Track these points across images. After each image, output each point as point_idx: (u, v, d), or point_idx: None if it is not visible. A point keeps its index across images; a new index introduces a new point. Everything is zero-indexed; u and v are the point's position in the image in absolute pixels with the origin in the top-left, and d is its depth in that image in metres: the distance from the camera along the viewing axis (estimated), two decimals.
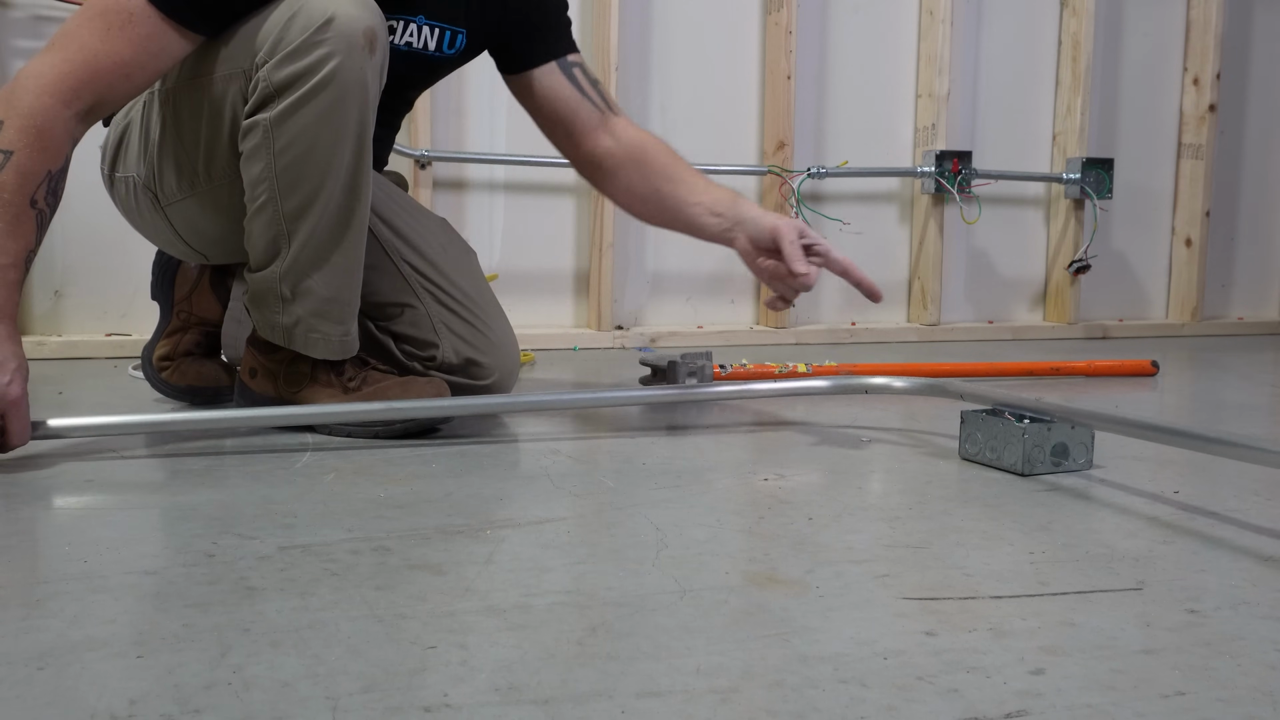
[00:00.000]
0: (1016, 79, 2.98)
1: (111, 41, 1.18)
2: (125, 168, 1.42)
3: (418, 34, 1.40)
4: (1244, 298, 3.34)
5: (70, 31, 1.19)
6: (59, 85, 1.16)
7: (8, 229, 1.13)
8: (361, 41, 1.23)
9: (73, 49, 1.18)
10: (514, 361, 1.50)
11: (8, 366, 1.13)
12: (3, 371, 1.12)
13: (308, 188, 1.26)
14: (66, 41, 1.18)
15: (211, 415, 1.31)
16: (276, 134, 1.24)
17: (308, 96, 1.22)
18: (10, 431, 1.14)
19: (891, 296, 2.89)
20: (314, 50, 1.21)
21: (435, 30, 1.41)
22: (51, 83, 1.16)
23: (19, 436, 1.15)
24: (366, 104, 1.26)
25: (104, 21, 1.18)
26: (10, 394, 1.13)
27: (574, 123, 1.51)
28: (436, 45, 1.43)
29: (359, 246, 1.32)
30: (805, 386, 1.50)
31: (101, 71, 1.18)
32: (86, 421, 1.22)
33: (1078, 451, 1.23)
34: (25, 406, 1.15)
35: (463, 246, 1.56)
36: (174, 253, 1.51)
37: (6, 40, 2.10)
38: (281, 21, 1.23)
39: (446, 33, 1.42)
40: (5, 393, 1.12)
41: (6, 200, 1.13)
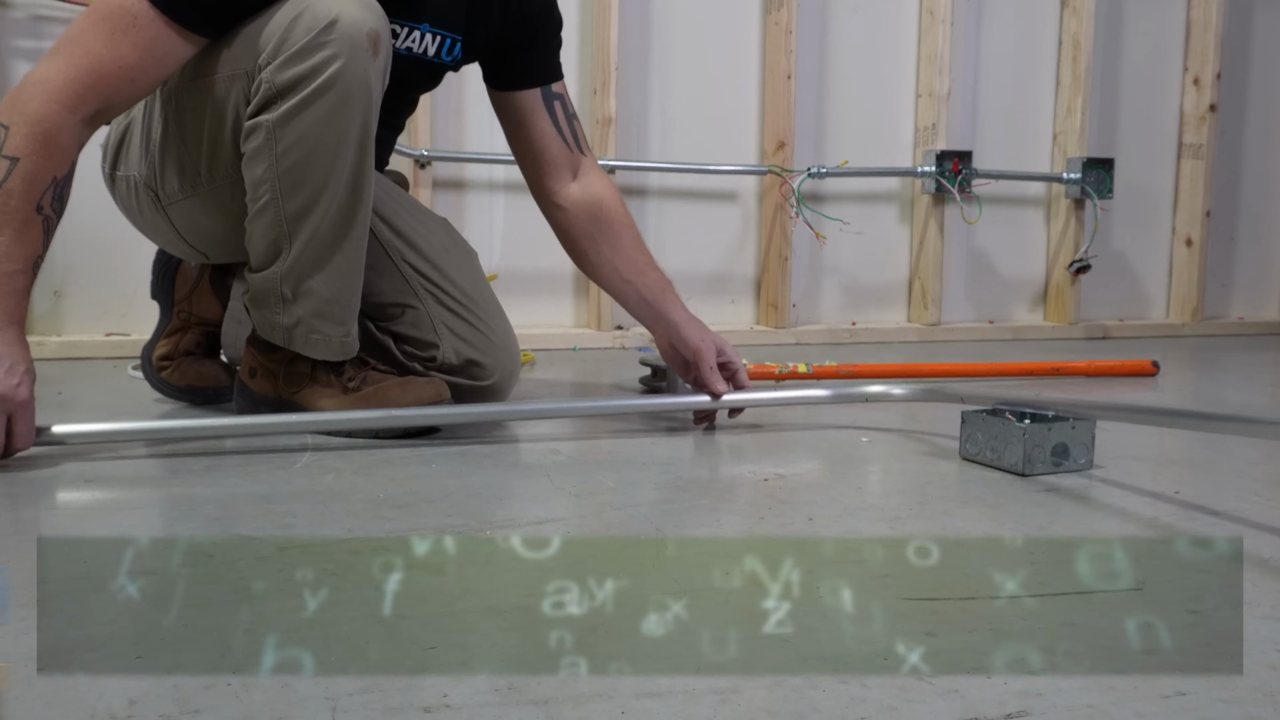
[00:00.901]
0: (1017, 79, 2.98)
1: (116, 46, 1.18)
2: (126, 167, 1.42)
3: (419, 40, 1.40)
4: (1244, 298, 3.34)
5: (75, 36, 1.19)
6: (65, 91, 1.16)
7: (15, 235, 1.14)
8: (365, 43, 1.22)
9: (78, 54, 1.17)
10: (514, 362, 1.50)
11: (16, 370, 1.13)
12: (11, 374, 1.13)
13: (310, 189, 1.26)
14: (71, 46, 1.18)
15: (213, 423, 1.31)
16: (279, 135, 1.24)
17: (311, 98, 1.22)
18: (16, 434, 1.14)
19: (892, 296, 2.90)
20: (318, 52, 1.21)
21: (436, 37, 1.41)
22: (57, 88, 1.16)
23: (24, 439, 1.15)
24: (370, 105, 1.26)
25: (108, 26, 1.18)
26: (19, 396, 1.13)
27: (542, 155, 1.51)
28: (436, 52, 1.43)
29: (360, 248, 1.32)
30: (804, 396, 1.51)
31: (107, 76, 1.18)
32: (89, 428, 1.22)
33: (1078, 451, 1.23)
34: (32, 410, 1.15)
35: (464, 247, 1.56)
36: (175, 252, 1.51)
37: (6, 40, 2.10)
38: (285, 23, 1.23)
39: (446, 40, 1.42)
40: (14, 394, 1.13)
41: (14, 207, 1.13)
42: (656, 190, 2.63)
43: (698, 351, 1.42)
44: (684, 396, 1.45)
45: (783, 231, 2.67)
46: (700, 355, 1.42)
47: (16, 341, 1.15)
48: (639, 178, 2.61)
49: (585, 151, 1.54)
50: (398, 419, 1.30)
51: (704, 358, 1.42)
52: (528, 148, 1.52)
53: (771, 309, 2.69)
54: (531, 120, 1.50)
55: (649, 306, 1.48)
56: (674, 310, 1.46)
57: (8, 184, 1.13)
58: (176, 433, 1.30)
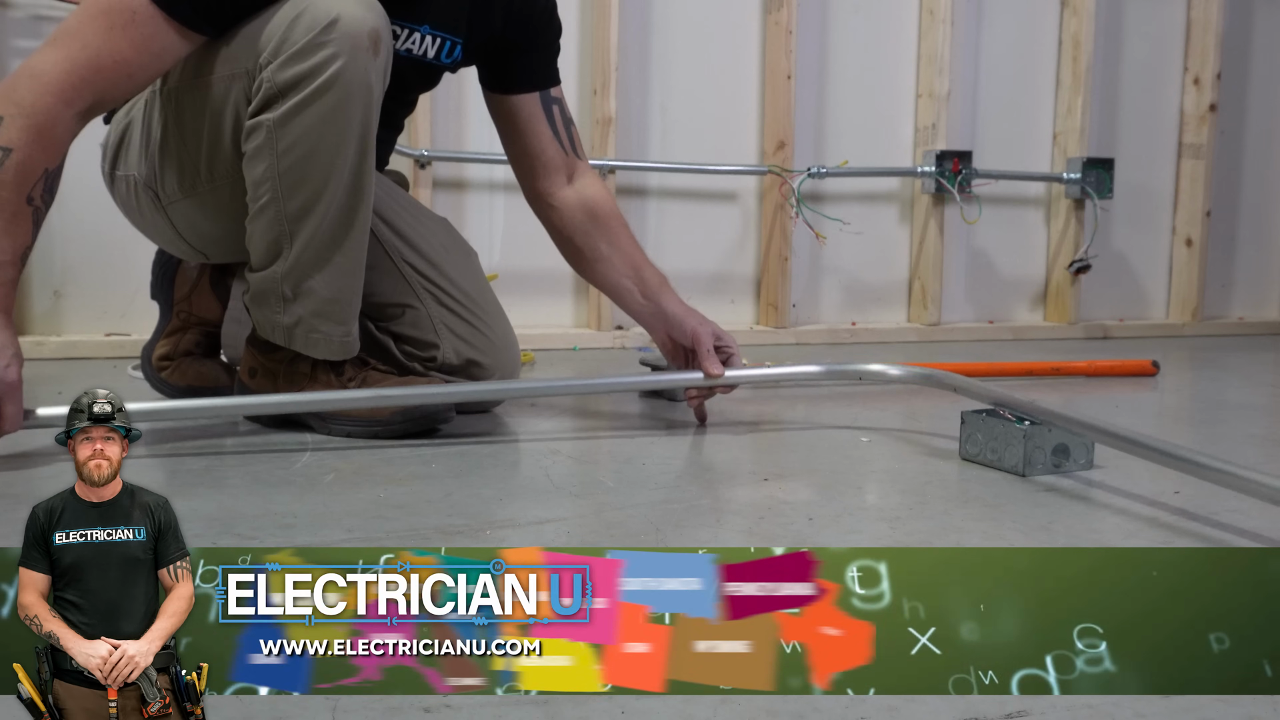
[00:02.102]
0: (1017, 79, 2.98)
1: (114, 41, 1.18)
2: (126, 166, 1.42)
3: (419, 42, 1.40)
4: (1244, 298, 3.34)
5: (73, 29, 1.18)
6: (61, 83, 1.16)
7: (5, 226, 1.14)
8: (366, 43, 1.22)
9: (75, 46, 1.17)
10: (515, 362, 1.51)
11: (5, 352, 1.14)
12: (0, 356, 1.13)
13: (310, 188, 1.26)
14: (69, 39, 1.18)
15: (208, 403, 1.33)
16: (280, 135, 1.24)
17: (312, 98, 1.22)
18: (5, 415, 1.14)
19: (892, 296, 2.89)
20: (318, 51, 1.21)
21: (436, 39, 1.41)
22: (54, 80, 1.15)
23: (12, 421, 1.16)
24: (370, 105, 1.26)
25: (107, 20, 1.18)
26: (7, 377, 1.13)
27: (538, 158, 1.50)
28: (436, 54, 1.42)
29: (361, 247, 1.32)
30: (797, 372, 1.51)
31: (103, 70, 1.18)
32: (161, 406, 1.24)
33: (1078, 452, 1.23)
34: (20, 393, 1.16)
35: (464, 247, 1.56)
36: (175, 251, 1.51)
37: (6, 40, 2.10)
38: (286, 22, 1.23)
39: (446, 42, 1.42)
40: (3, 375, 1.13)
41: (5, 198, 1.13)
42: (656, 190, 2.63)
43: (695, 336, 1.42)
44: (680, 373, 1.45)
45: (783, 232, 2.67)
46: (698, 339, 1.41)
47: (4, 327, 1.15)
48: (639, 178, 2.60)
49: (581, 156, 1.54)
50: (391, 399, 1.30)
51: (701, 341, 1.41)
52: (524, 150, 1.51)
53: (771, 309, 2.69)
54: (530, 124, 1.49)
55: (647, 303, 1.48)
56: (671, 304, 1.46)
57: (3, 175, 1.13)
58: (168, 414, 1.31)
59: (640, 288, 1.48)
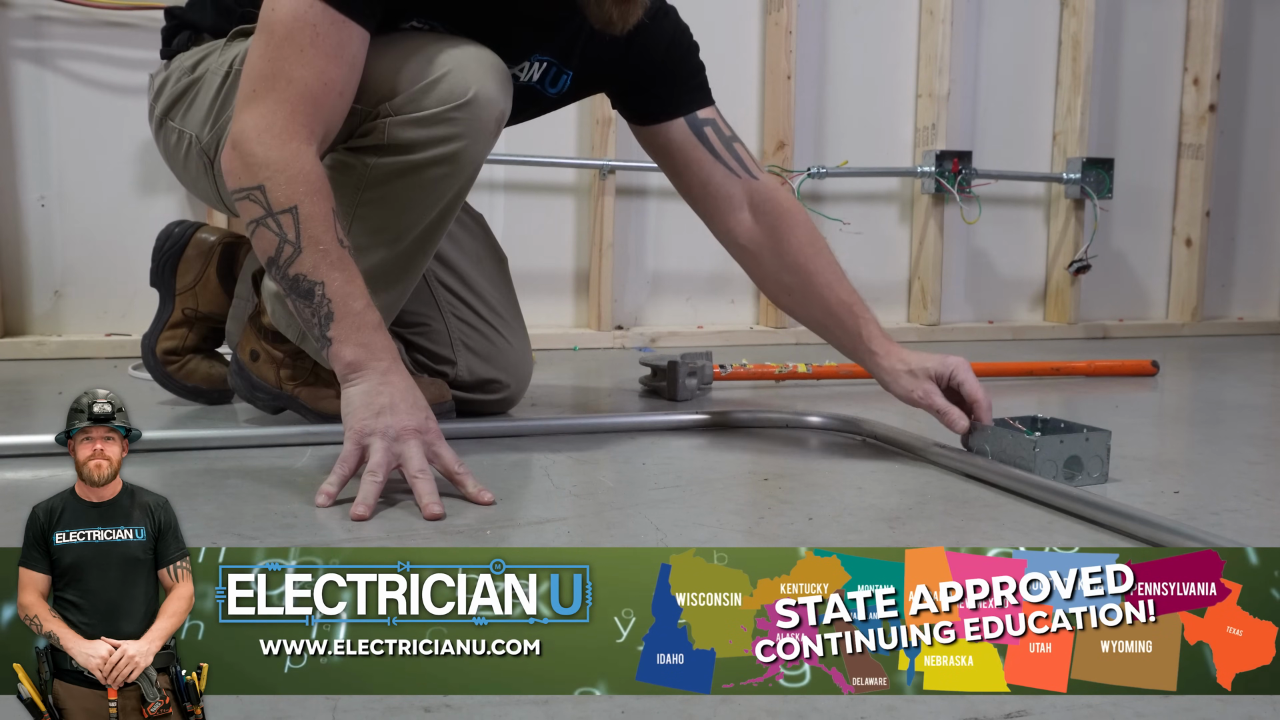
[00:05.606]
0: (1017, 79, 2.98)
1: (312, 63, 1.10)
2: (184, 122, 1.38)
3: (526, 69, 1.34)
4: (1244, 298, 3.34)
5: (266, 73, 1.10)
6: (290, 127, 1.08)
7: (346, 276, 1.08)
8: (492, 127, 1.20)
9: (281, 86, 1.09)
10: (527, 374, 1.52)
11: (420, 408, 1.08)
12: (416, 409, 1.08)
13: (381, 234, 1.23)
14: (271, 83, 1.09)
15: (233, 433, 1.33)
16: (372, 178, 1.20)
17: (422, 166, 1.19)
18: (445, 456, 1.08)
19: (891, 296, 2.89)
20: (445, 126, 1.17)
21: (543, 64, 1.34)
22: (284, 128, 1.08)
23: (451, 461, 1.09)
24: (471, 179, 1.24)
25: (294, 45, 1.09)
26: (429, 428, 1.08)
27: (706, 188, 1.39)
28: (540, 79, 1.35)
29: (407, 292, 1.31)
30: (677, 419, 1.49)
31: (319, 97, 1.10)
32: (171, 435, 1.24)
33: (1092, 465, 1.18)
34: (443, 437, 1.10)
35: (497, 253, 1.57)
36: (209, 204, 1.46)
37: (6, 40, 2.10)
38: (421, 80, 1.17)
39: (552, 69, 1.35)
40: (425, 427, 1.07)
41: (325, 250, 1.08)
42: (656, 190, 2.63)
43: (920, 402, 1.30)
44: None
45: None
46: (931, 406, 1.28)
47: (405, 374, 1.10)
48: (639, 178, 2.60)
49: (755, 174, 1.40)
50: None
51: (934, 405, 1.28)
52: (689, 184, 1.41)
53: (772, 309, 2.69)
54: (684, 152, 1.39)
55: (910, 372, 1.33)
56: (881, 360, 1.35)
57: (307, 231, 1.07)
58: (260, 440, 1.30)
59: (842, 340, 1.40)
